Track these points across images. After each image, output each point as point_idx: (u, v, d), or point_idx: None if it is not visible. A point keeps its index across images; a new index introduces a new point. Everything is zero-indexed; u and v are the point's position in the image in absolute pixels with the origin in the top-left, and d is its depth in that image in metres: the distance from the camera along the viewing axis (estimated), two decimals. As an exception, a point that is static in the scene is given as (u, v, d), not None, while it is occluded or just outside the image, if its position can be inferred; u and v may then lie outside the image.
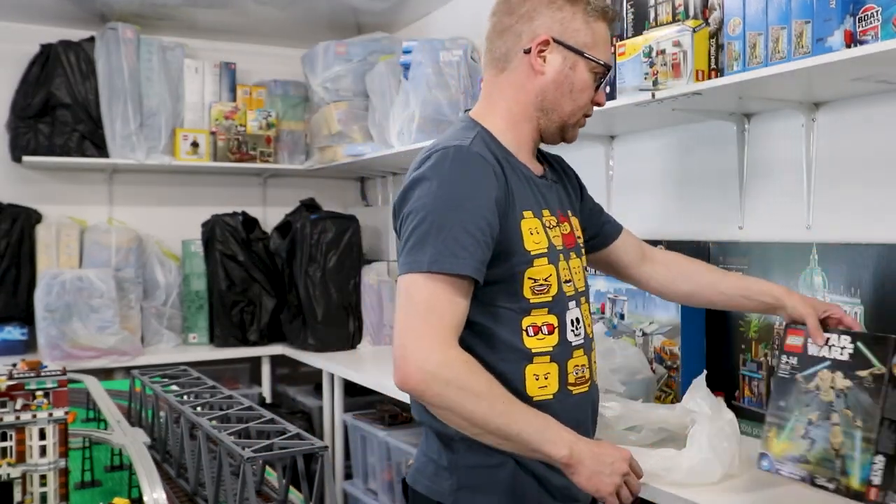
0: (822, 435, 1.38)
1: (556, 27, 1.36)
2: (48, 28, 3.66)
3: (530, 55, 1.36)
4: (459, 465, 1.32)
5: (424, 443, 1.41)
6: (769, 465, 1.46)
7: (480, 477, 1.31)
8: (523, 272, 1.33)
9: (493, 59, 1.40)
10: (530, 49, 1.36)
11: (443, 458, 1.34)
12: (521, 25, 1.36)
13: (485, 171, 1.29)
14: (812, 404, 1.41)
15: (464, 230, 1.23)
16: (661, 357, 2.09)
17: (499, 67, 1.40)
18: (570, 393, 1.37)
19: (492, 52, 1.40)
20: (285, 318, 3.67)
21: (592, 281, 2.35)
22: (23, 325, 3.43)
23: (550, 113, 1.41)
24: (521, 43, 1.37)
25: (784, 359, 1.48)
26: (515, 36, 1.37)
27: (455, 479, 1.32)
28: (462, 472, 1.32)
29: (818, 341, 1.44)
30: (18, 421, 1.39)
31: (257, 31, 3.94)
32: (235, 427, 1.54)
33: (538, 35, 1.35)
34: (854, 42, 1.48)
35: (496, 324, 1.32)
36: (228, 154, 3.77)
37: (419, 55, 2.98)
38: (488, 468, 1.31)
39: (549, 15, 1.36)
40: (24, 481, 1.40)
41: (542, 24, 1.36)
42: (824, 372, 1.41)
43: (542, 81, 1.37)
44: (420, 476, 1.39)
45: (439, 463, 1.35)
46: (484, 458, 1.31)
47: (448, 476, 1.33)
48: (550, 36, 1.35)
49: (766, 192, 2.06)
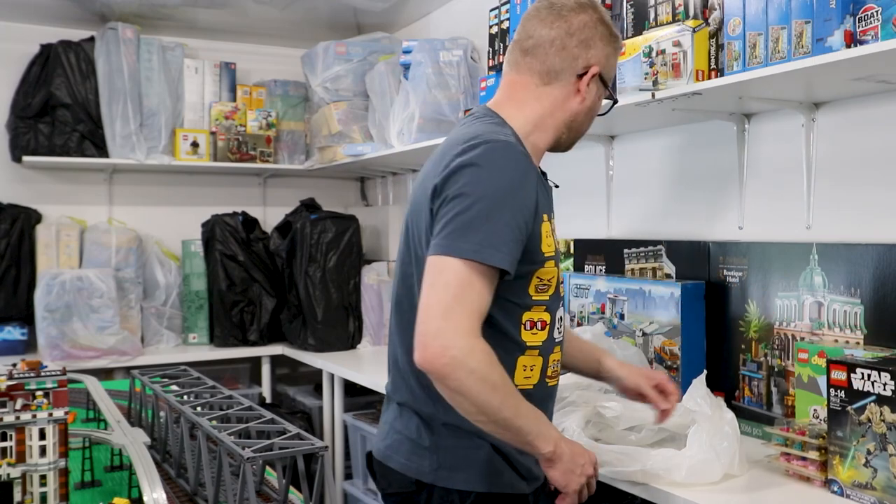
0: (883, 465, 1.43)
1: (603, 61, 1.47)
2: (48, 28, 3.66)
3: (581, 81, 1.45)
4: (441, 446, 1.38)
5: (398, 421, 1.44)
6: (840, 490, 1.52)
7: (459, 458, 1.37)
8: (534, 272, 1.38)
9: (543, 70, 1.44)
10: (583, 75, 1.44)
11: (423, 439, 1.39)
12: (579, 50, 1.44)
13: (529, 171, 1.34)
14: (867, 435, 1.46)
15: (507, 225, 1.27)
16: (661, 357, 2.09)
17: (545, 80, 1.45)
18: (546, 385, 1.46)
19: (543, 63, 1.44)
20: (285, 318, 3.67)
21: (592, 281, 2.35)
22: (23, 325, 3.43)
23: (574, 132, 1.51)
24: (576, 67, 1.44)
25: (833, 392, 1.53)
26: (572, 58, 1.44)
27: (435, 459, 1.38)
28: (443, 452, 1.38)
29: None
30: (18, 421, 1.39)
31: (257, 31, 3.94)
32: (235, 427, 1.54)
33: (591, 65, 1.45)
34: (854, 42, 1.48)
35: (501, 314, 1.36)
36: (228, 154, 3.77)
37: (419, 55, 2.98)
38: (467, 450, 1.37)
39: (601, 48, 1.46)
40: (24, 481, 1.40)
41: (596, 55, 1.45)
42: (872, 406, 1.45)
43: (580, 105, 1.47)
44: (393, 453, 1.43)
45: (419, 443, 1.39)
46: (465, 440, 1.37)
47: (428, 455, 1.38)
48: (599, 69, 1.46)
49: (766, 192, 2.06)
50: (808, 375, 1.75)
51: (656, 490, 1.57)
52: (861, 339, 1.72)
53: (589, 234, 2.64)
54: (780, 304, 1.91)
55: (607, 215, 2.58)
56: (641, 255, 2.33)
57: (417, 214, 1.39)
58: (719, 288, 2.06)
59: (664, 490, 1.55)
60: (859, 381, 1.48)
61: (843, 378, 1.51)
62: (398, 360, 1.46)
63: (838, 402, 1.52)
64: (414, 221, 1.41)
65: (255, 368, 3.84)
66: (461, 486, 1.37)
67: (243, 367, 3.87)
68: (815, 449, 1.58)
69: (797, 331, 1.86)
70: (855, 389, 1.49)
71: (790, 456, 1.63)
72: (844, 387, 1.50)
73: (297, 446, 1.44)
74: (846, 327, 1.76)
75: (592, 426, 1.76)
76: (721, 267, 2.06)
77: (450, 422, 1.35)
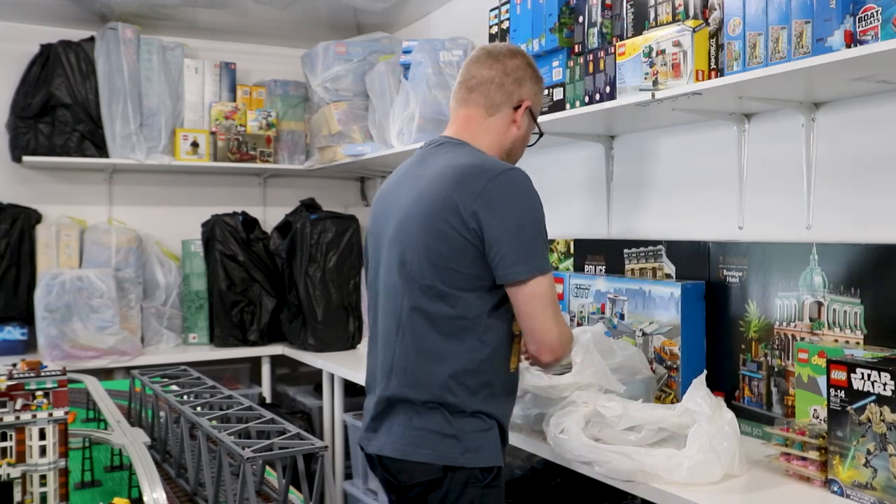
0: (883, 465, 1.44)
1: (533, 97, 1.76)
2: (48, 28, 3.66)
3: (517, 113, 1.74)
4: (465, 430, 1.58)
5: (416, 420, 1.60)
6: (840, 490, 1.52)
7: (480, 439, 1.59)
8: None
9: (486, 103, 1.73)
10: (519, 105, 1.74)
11: (448, 429, 1.58)
12: (514, 87, 1.73)
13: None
14: (867, 435, 1.46)
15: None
16: (661, 357, 2.09)
17: (490, 112, 1.73)
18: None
19: (486, 97, 1.73)
20: (285, 318, 3.67)
21: (592, 281, 2.35)
22: (23, 325, 3.43)
23: (511, 157, 1.79)
24: (512, 101, 1.73)
25: (833, 392, 1.53)
26: (509, 94, 1.73)
27: (461, 444, 1.57)
28: (467, 437, 1.58)
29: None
30: (18, 421, 1.39)
31: (257, 31, 3.94)
32: (235, 427, 1.54)
33: (524, 99, 1.74)
34: (854, 42, 1.48)
35: (503, 311, 1.63)
36: (228, 154, 3.77)
37: (419, 55, 2.98)
38: (485, 432, 1.60)
39: (531, 86, 1.76)
40: (23, 481, 1.40)
41: (527, 91, 1.75)
42: (872, 406, 1.46)
43: (517, 133, 1.76)
44: (416, 447, 1.59)
45: (444, 433, 1.58)
46: (483, 423, 1.60)
47: (455, 442, 1.57)
48: (530, 103, 1.75)
49: (766, 192, 2.06)
50: (808, 375, 1.75)
51: (656, 490, 1.57)
52: (861, 339, 1.72)
53: (589, 234, 2.64)
54: (780, 304, 1.91)
55: (607, 215, 2.58)
56: (641, 255, 2.33)
57: (433, 233, 1.58)
58: (719, 288, 2.06)
59: (664, 490, 1.55)
60: (859, 381, 1.48)
61: (843, 378, 1.51)
62: (411, 366, 1.61)
63: (838, 402, 1.52)
64: (423, 241, 1.59)
65: (255, 368, 3.84)
66: (483, 463, 1.58)
67: (243, 368, 3.87)
68: (815, 449, 1.58)
69: (797, 331, 1.86)
70: (855, 389, 1.49)
71: (790, 456, 1.63)
72: (844, 387, 1.50)
73: (297, 446, 1.44)
74: (846, 327, 1.76)
75: (592, 426, 1.76)
76: (721, 267, 2.06)
77: (480, 410, 1.59)
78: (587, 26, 2.24)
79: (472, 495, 1.57)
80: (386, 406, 1.65)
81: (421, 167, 1.70)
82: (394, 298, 1.63)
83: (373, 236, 1.78)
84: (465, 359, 1.59)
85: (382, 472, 1.67)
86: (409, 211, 1.63)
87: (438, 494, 1.57)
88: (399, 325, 1.62)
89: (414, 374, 1.61)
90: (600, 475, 1.68)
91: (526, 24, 2.45)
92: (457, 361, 1.58)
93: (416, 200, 1.62)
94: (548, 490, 2.40)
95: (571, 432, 1.72)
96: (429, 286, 1.58)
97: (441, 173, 1.61)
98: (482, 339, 1.60)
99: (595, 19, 2.21)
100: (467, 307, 1.58)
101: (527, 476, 2.48)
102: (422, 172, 1.68)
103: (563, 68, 2.30)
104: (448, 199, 1.56)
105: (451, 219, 1.56)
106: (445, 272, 1.56)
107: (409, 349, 1.61)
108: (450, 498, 1.57)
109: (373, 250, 1.77)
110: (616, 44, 2.06)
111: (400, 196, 1.70)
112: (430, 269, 1.57)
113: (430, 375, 1.59)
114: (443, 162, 1.64)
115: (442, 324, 1.58)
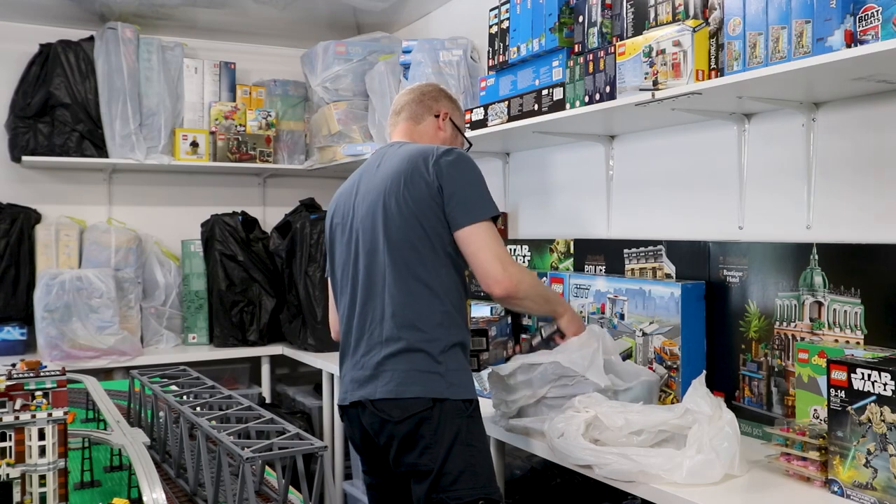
0: (883, 465, 1.43)
1: (451, 111, 2.09)
2: (48, 28, 3.66)
3: (438, 119, 2.06)
4: (449, 368, 1.81)
5: (402, 362, 1.81)
6: (840, 490, 1.52)
7: (462, 374, 1.83)
8: None
9: (411, 116, 2.06)
10: (439, 114, 2.07)
11: (435, 367, 1.80)
12: (431, 102, 2.08)
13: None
14: (867, 435, 1.46)
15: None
16: (661, 357, 2.09)
17: (417, 121, 2.06)
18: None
19: (410, 112, 2.06)
20: (285, 318, 3.66)
21: (592, 281, 2.35)
22: (22, 325, 3.43)
23: None
24: (432, 111, 2.07)
25: (833, 392, 1.53)
26: (427, 107, 2.07)
27: (447, 380, 1.80)
28: (451, 373, 1.81)
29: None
30: (18, 421, 1.39)
31: (257, 30, 3.94)
32: (235, 427, 1.54)
33: (442, 109, 2.08)
34: (854, 42, 1.48)
35: (458, 269, 1.88)
36: (228, 154, 3.77)
37: (419, 55, 2.98)
38: (463, 369, 1.84)
39: (447, 103, 2.09)
40: (23, 481, 1.39)
41: (444, 106, 2.09)
42: (872, 406, 1.45)
43: (444, 136, 2.07)
44: (407, 387, 1.79)
45: (431, 371, 1.80)
46: (461, 363, 1.84)
47: (440, 378, 1.79)
48: (447, 112, 2.08)
49: (766, 192, 2.06)
50: (808, 375, 1.75)
51: (656, 490, 1.57)
52: (861, 339, 1.72)
53: (589, 234, 2.64)
54: (780, 304, 1.91)
55: (607, 215, 2.58)
56: (641, 255, 2.33)
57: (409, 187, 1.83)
58: (719, 288, 2.06)
59: (664, 490, 1.55)
60: (859, 381, 1.48)
61: (844, 378, 1.51)
62: (387, 318, 1.84)
63: (838, 402, 1.51)
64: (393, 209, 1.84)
65: (254, 368, 3.84)
66: (464, 396, 1.81)
67: (243, 368, 3.87)
68: (816, 449, 1.58)
69: (797, 331, 1.86)
70: (855, 389, 1.49)
71: (790, 456, 1.63)
72: (844, 387, 1.50)
73: (297, 446, 1.44)
74: (846, 327, 1.75)
75: (593, 428, 1.76)
76: (721, 267, 2.06)
77: (457, 341, 1.83)
78: (587, 26, 2.24)
79: (458, 423, 1.78)
80: (368, 355, 1.88)
81: (381, 161, 1.95)
82: (376, 261, 1.87)
83: (339, 225, 2.01)
84: (443, 299, 1.84)
85: (371, 416, 1.84)
86: (380, 186, 1.87)
87: (431, 424, 1.77)
88: (384, 280, 1.85)
89: (391, 325, 1.83)
90: (601, 477, 1.68)
91: (526, 23, 2.45)
92: (438, 301, 1.83)
93: (385, 178, 1.87)
94: (548, 490, 2.40)
95: (570, 436, 1.72)
96: (404, 240, 1.83)
97: (402, 157, 1.89)
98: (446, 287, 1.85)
99: (595, 19, 2.21)
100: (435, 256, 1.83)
101: (527, 476, 2.48)
102: (383, 163, 1.93)
103: (563, 68, 2.30)
104: (415, 164, 1.84)
105: (421, 176, 1.83)
106: (417, 228, 1.82)
107: (376, 309, 1.86)
108: (441, 426, 1.77)
109: (340, 234, 2.00)
110: (616, 43, 2.06)
111: (365, 182, 1.96)
112: (404, 224, 1.82)
113: (408, 324, 1.82)
114: (401, 152, 1.91)
115: (419, 271, 1.82)
